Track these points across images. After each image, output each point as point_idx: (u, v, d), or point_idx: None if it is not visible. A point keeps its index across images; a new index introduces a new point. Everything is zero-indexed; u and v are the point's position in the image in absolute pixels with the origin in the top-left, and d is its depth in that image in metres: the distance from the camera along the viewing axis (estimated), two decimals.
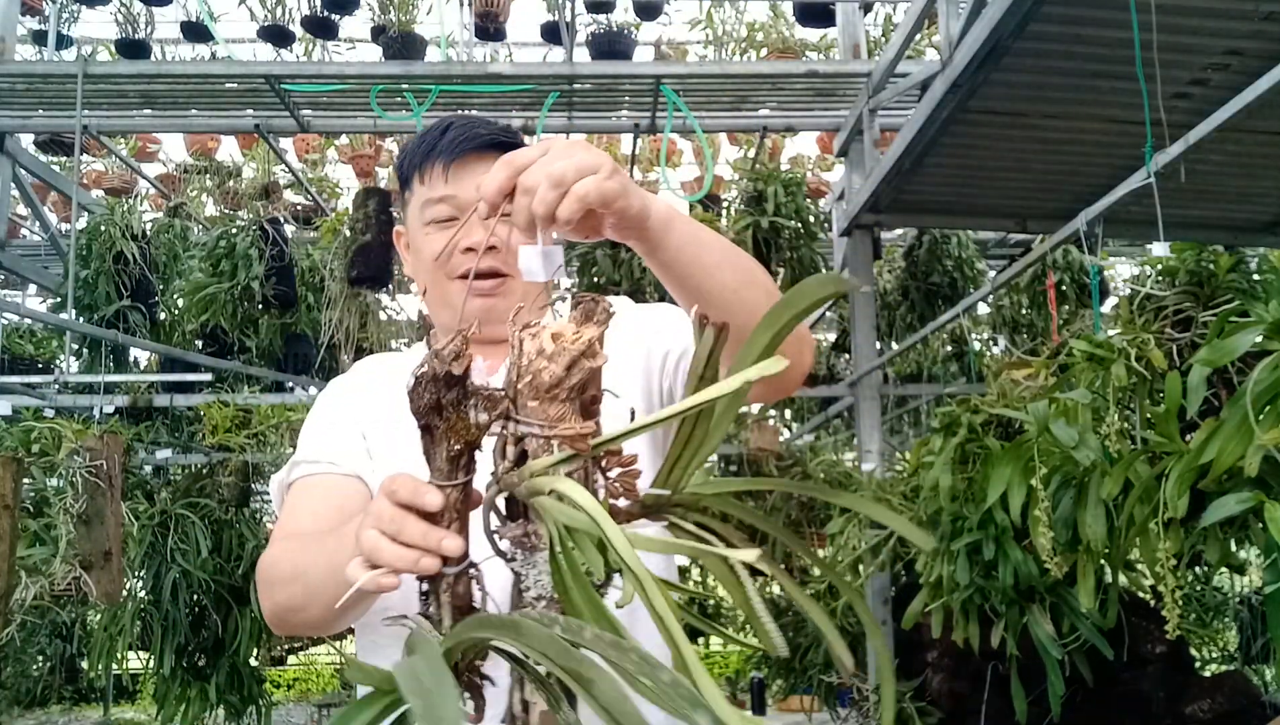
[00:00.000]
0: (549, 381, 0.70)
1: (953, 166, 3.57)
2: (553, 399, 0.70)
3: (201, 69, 4.46)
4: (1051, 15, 2.52)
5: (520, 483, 0.70)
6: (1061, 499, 2.26)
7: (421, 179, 1.23)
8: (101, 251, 4.92)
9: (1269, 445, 1.66)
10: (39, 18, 5.79)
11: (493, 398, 0.72)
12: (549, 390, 0.70)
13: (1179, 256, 2.36)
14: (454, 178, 1.20)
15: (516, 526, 0.71)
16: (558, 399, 0.71)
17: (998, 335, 5.89)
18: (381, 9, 4.88)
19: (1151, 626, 2.97)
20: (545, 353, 0.71)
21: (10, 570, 2.73)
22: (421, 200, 1.23)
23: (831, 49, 5.27)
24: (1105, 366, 2.14)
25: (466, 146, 1.20)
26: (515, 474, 0.71)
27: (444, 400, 0.71)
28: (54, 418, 3.84)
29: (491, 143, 1.19)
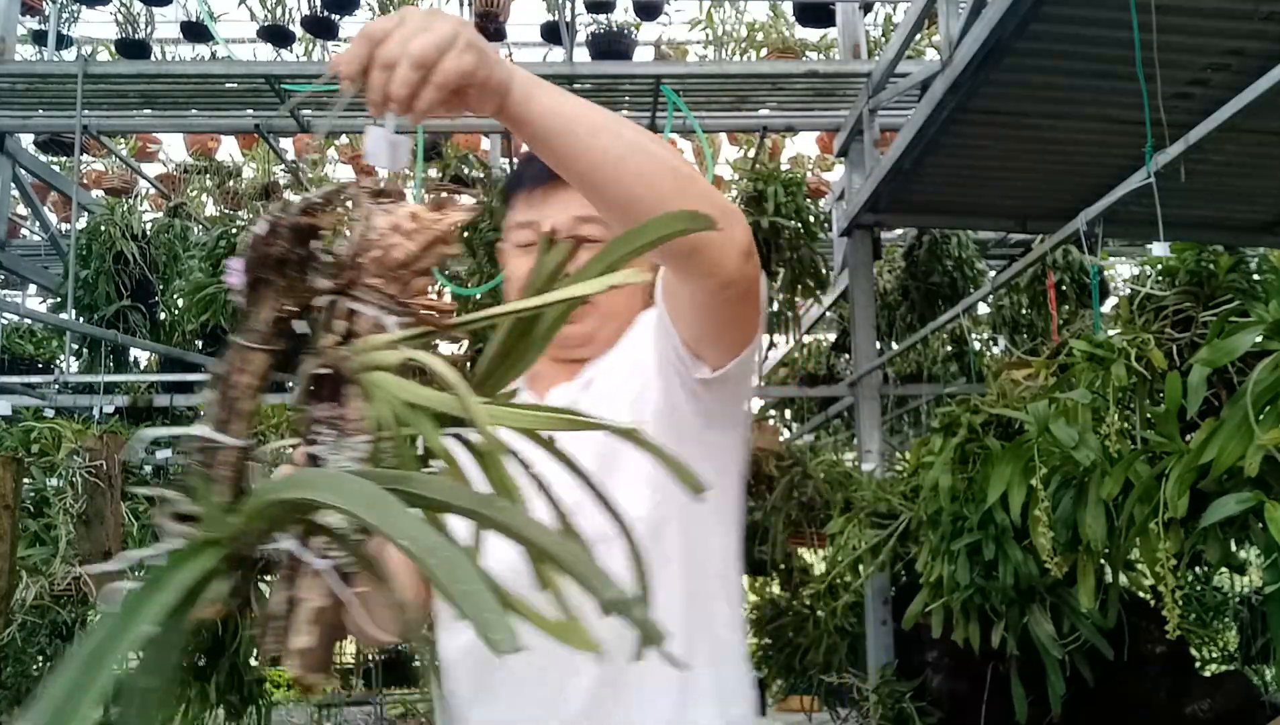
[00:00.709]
0: (401, 258, 0.66)
1: (953, 166, 3.57)
2: (398, 278, 0.66)
3: (201, 69, 4.47)
4: (1051, 15, 2.53)
5: (353, 357, 0.64)
6: (1061, 499, 2.26)
7: (512, 202, 1.28)
8: (101, 251, 4.92)
9: (1269, 445, 1.66)
10: (39, 18, 5.79)
11: (341, 264, 0.66)
12: (397, 268, 0.66)
13: (1179, 256, 2.36)
14: (537, 203, 1.24)
15: (327, 407, 0.65)
16: (399, 280, 0.66)
17: (998, 335, 5.89)
18: (381, 9, 4.88)
19: (1151, 626, 2.97)
20: (402, 229, 0.67)
21: (11, 570, 2.73)
22: (511, 223, 1.27)
23: (831, 49, 5.27)
24: (1105, 366, 2.14)
25: (550, 174, 1.18)
26: (345, 348, 0.65)
27: (293, 255, 0.66)
28: (54, 418, 3.84)
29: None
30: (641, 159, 0.90)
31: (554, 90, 0.91)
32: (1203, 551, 1.98)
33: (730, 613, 1.17)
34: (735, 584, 1.20)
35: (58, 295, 5.37)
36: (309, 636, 0.57)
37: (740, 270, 0.95)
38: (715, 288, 0.98)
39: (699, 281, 0.99)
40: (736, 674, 1.16)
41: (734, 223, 0.95)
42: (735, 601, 1.19)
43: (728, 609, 1.16)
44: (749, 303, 1.03)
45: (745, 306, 1.03)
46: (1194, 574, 3.85)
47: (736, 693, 1.14)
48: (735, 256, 0.94)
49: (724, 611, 1.16)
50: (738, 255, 0.94)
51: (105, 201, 5.44)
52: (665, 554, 1.09)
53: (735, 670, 1.15)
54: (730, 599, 1.17)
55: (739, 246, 0.95)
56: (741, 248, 0.95)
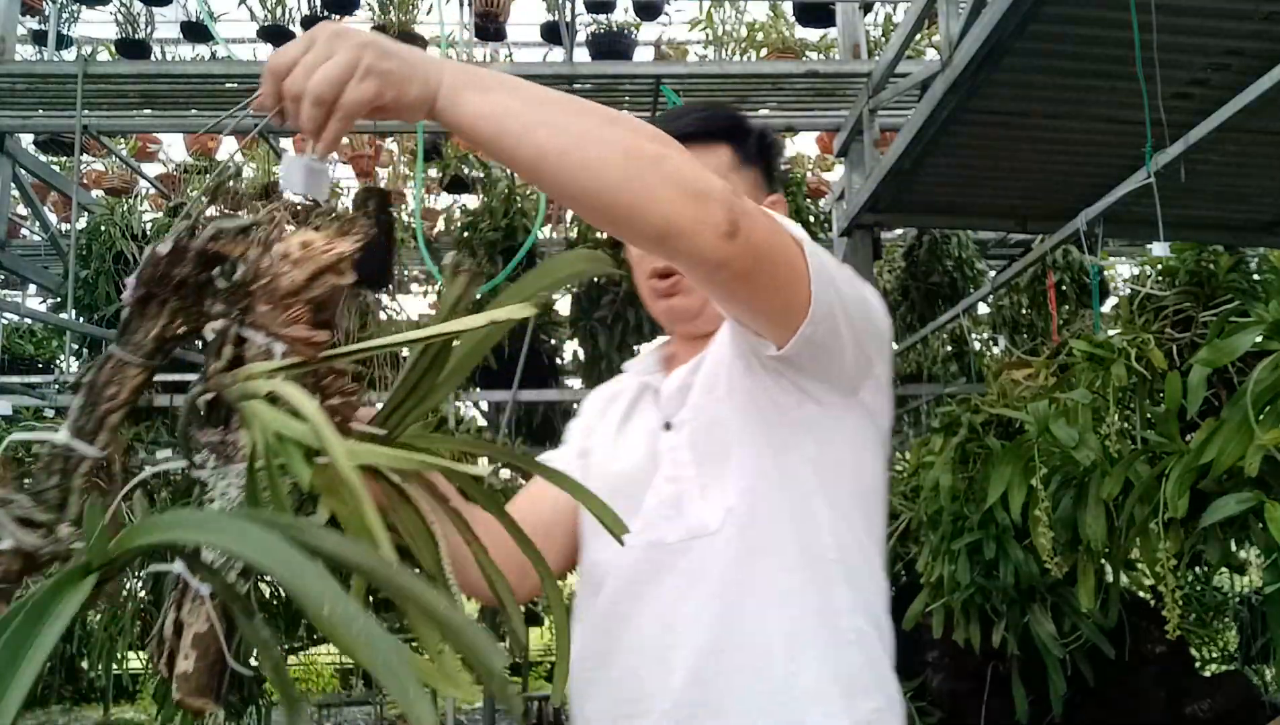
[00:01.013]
0: (287, 287, 0.66)
1: (953, 166, 3.57)
2: (285, 307, 0.66)
3: (201, 69, 4.47)
4: (1051, 15, 2.52)
5: (233, 383, 0.64)
6: (1061, 499, 2.26)
7: None
8: (101, 251, 4.92)
9: (1269, 445, 1.66)
10: (39, 18, 5.79)
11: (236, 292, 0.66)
12: (284, 297, 0.66)
13: (1179, 256, 2.37)
14: None
15: (214, 432, 0.66)
16: (289, 309, 0.66)
17: (998, 335, 5.89)
18: (381, 9, 4.88)
19: (1152, 626, 2.97)
20: (290, 257, 0.66)
21: None
22: None
23: (831, 49, 5.27)
24: (1105, 366, 2.14)
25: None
26: (229, 375, 0.65)
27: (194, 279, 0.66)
28: (54, 418, 3.84)
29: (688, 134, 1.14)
30: (588, 150, 0.84)
31: (488, 88, 0.84)
32: (1203, 551, 1.98)
33: (854, 598, 1.07)
34: (864, 567, 1.10)
35: (58, 295, 5.37)
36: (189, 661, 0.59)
37: (722, 252, 0.88)
38: (705, 275, 0.93)
39: (690, 271, 0.96)
40: (866, 664, 1.06)
41: (706, 204, 0.86)
42: (864, 586, 1.10)
43: (851, 594, 1.07)
44: (763, 278, 0.94)
45: (757, 284, 0.95)
46: (1194, 574, 3.85)
47: (869, 686, 1.05)
48: (712, 239, 0.87)
49: (845, 597, 1.07)
50: (715, 237, 0.87)
51: (105, 201, 5.44)
52: (758, 546, 1.06)
53: (863, 659, 1.06)
54: (855, 583, 1.08)
55: (715, 228, 0.86)
56: (719, 229, 0.87)
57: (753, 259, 0.91)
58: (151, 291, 0.65)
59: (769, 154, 1.28)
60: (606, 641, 1.10)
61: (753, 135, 1.26)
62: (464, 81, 0.84)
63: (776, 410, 1.09)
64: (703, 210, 0.86)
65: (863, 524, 1.12)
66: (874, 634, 1.08)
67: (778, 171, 1.31)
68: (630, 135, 0.86)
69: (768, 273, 0.94)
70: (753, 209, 0.92)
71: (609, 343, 5.46)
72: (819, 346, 1.03)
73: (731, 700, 1.02)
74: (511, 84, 0.86)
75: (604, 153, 0.84)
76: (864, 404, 1.13)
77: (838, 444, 1.12)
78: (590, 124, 0.85)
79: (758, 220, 0.91)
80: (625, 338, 5.52)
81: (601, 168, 0.84)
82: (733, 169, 1.21)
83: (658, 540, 1.09)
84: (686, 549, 1.08)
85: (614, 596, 1.11)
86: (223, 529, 0.50)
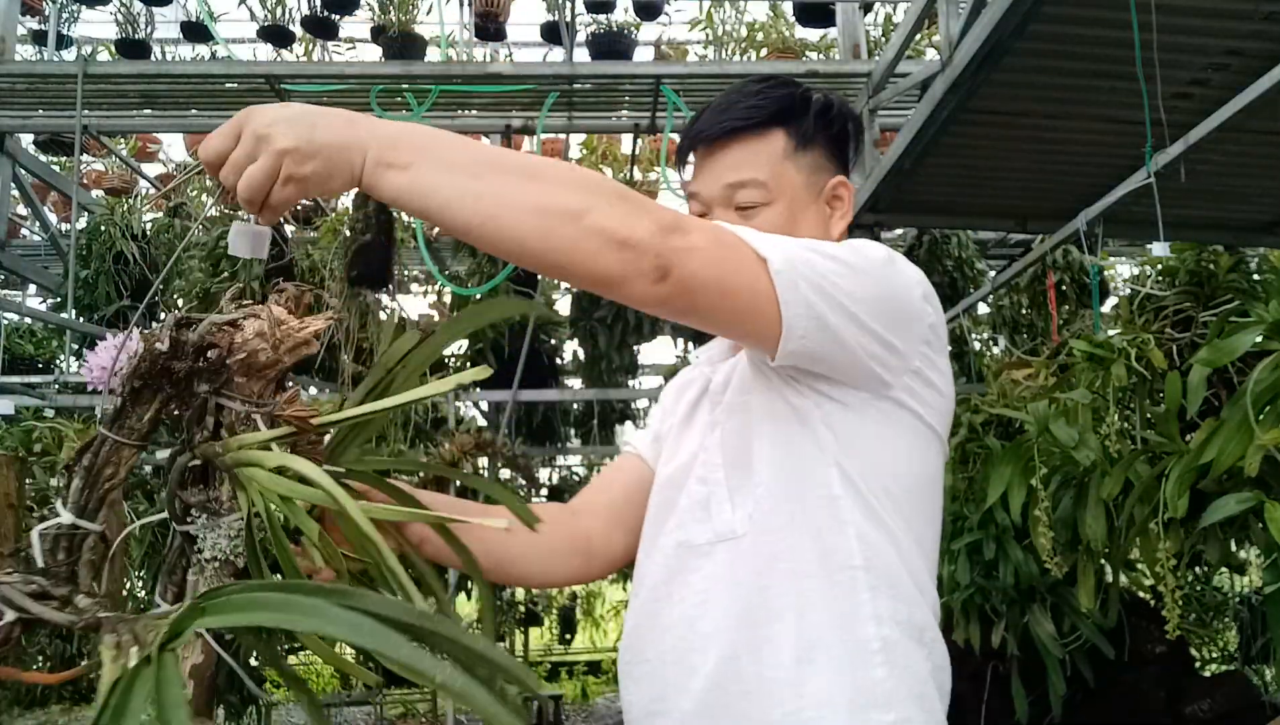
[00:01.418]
0: (264, 362, 0.74)
1: (953, 166, 3.57)
2: (260, 378, 0.74)
3: (201, 69, 4.46)
4: (1051, 15, 2.52)
5: (225, 453, 0.72)
6: (1061, 499, 2.26)
7: (682, 168, 1.26)
8: (101, 251, 4.92)
9: (1269, 445, 1.66)
10: (39, 18, 5.79)
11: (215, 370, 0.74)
12: (261, 370, 0.74)
13: (1179, 256, 2.37)
14: (696, 172, 1.21)
15: (199, 492, 0.73)
16: (264, 378, 0.74)
17: (998, 335, 5.89)
18: (381, 9, 4.87)
19: (1152, 626, 2.97)
20: (264, 335, 0.74)
21: None
22: (683, 188, 1.25)
23: (831, 49, 5.27)
24: (1105, 366, 2.14)
25: (705, 140, 1.20)
26: (218, 444, 0.73)
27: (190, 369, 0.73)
28: (54, 417, 3.84)
29: (735, 129, 1.18)
30: (504, 216, 0.86)
31: (406, 165, 0.86)
32: (1203, 551, 1.98)
33: (885, 607, 1.04)
34: (901, 573, 1.06)
35: (58, 295, 5.37)
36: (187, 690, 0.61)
37: (656, 295, 0.90)
38: (656, 309, 0.95)
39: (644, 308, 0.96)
40: (891, 676, 1.03)
41: (632, 251, 0.87)
42: (901, 593, 1.06)
43: (879, 603, 1.04)
44: (712, 308, 0.95)
45: (708, 313, 0.97)
46: (1194, 574, 3.85)
47: (891, 696, 1.02)
48: (643, 286, 0.89)
49: (871, 606, 1.04)
50: (646, 284, 0.89)
51: (105, 201, 5.44)
52: (776, 551, 1.06)
53: (886, 671, 1.02)
54: (888, 591, 1.05)
55: (644, 276, 0.88)
56: (648, 276, 0.88)
57: (691, 294, 0.92)
58: (147, 383, 0.72)
59: (833, 128, 1.23)
60: (641, 638, 1.13)
61: (810, 113, 1.21)
62: (385, 160, 0.86)
63: (795, 413, 1.08)
64: (628, 259, 0.87)
65: (902, 527, 1.08)
66: (909, 644, 1.05)
67: (852, 143, 1.26)
68: (549, 192, 0.87)
69: (716, 301, 0.95)
70: (696, 241, 0.92)
71: (609, 343, 5.46)
72: (816, 355, 1.02)
73: (747, 705, 1.03)
74: (435, 153, 0.87)
75: (519, 217, 0.86)
76: (901, 399, 1.09)
77: (868, 444, 1.08)
78: (508, 187, 0.86)
79: (696, 254, 0.91)
80: (625, 338, 5.52)
81: (521, 232, 0.86)
82: (786, 156, 1.18)
83: (687, 541, 1.11)
84: (712, 552, 1.09)
85: (650, 594, 1.13)
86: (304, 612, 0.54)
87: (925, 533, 1.11)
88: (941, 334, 1.14)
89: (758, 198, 1.16)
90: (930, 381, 1.11)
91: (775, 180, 1.17)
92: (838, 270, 1.02)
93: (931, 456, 1.13)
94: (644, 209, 0.90)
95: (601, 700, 9.04)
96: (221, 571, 0.70)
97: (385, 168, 0.86)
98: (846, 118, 1.25)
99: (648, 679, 1.10)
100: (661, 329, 5.77)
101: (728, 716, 1.03)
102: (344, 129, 0.86)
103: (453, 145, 0.88)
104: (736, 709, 1.03)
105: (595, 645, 10.51)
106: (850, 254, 1.05)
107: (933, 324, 1.12)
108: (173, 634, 0.57)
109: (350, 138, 0.86)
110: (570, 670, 10.19)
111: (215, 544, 0.70)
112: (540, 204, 0.86)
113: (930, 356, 1.11)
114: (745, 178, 1.16)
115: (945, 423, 1.15)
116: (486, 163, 0.88)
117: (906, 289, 1.09)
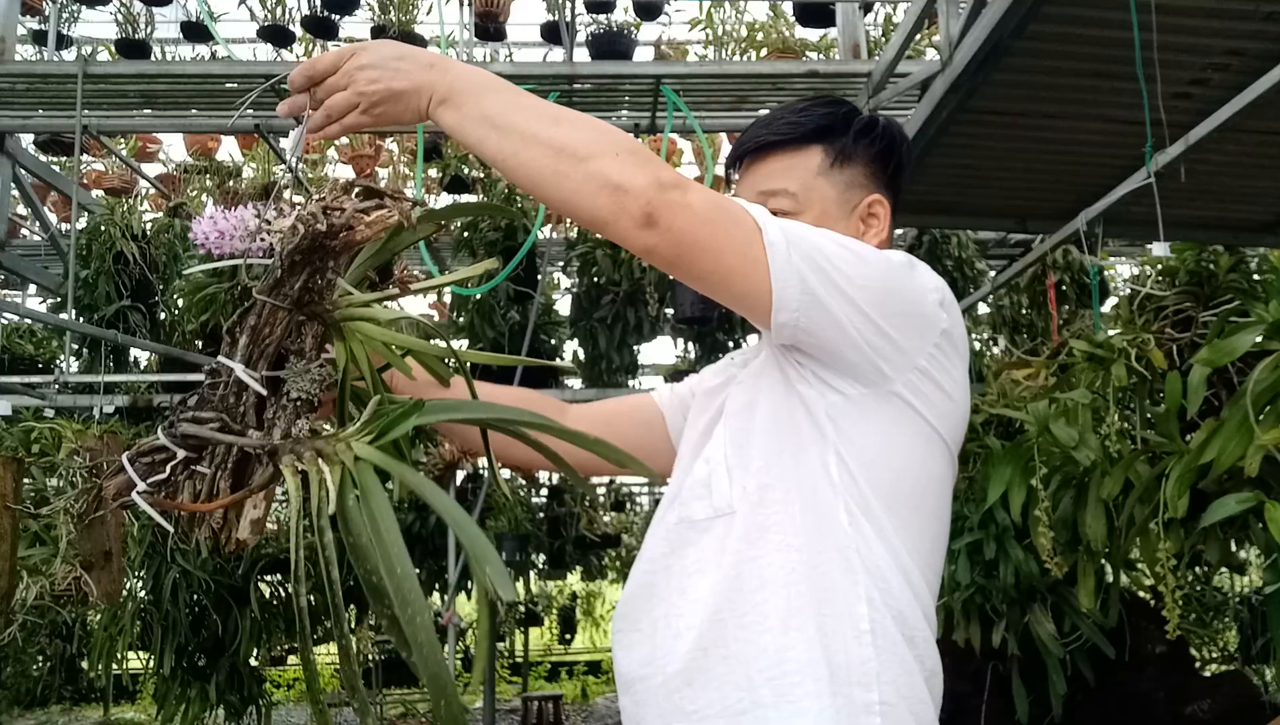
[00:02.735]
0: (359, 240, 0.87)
1: (953, 166, 3.57)
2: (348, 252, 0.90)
3: (201, 69, 4.46)
4: (1051, 15, 2.52)
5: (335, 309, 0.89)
6: (1061, 499, 2.26)
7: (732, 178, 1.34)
8: (101, 251, 4.91)
9: (1269, 445, 1.66)
10: (39, 18, 5.79)
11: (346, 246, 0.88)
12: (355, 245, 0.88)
13: (1179, 256, 2.37)
14: (741, 181, 1.29)
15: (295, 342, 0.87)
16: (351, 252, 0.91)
17: (998, 335, 5.89)
18: (381, 9, 4.88)
19: (1152, 626, 2.97)
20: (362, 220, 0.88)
21: (11, 570, 2.73)
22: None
23: (831, 49, 5.27)
24: (1105, 366, 2.14)
25: (748, 152, 1.28)
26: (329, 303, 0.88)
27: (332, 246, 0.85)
28: (54, 418, 3.84)
29: (773, 143, 1.25)
30: (525, 152, 0.99)
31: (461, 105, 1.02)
32: (1203, 551, 1.98)
33: (877, 594, 1.06)
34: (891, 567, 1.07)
35: (58, 295, 5.37)
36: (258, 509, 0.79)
37: (642, 241, 0.98)
38: (645, 256, 1.02)
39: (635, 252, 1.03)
40: (876, 658, 1.04)
41: (623, 196, 0.96)
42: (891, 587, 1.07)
43: (872, 589, 1.06)
44: (695, 265, 1.01)
45: (693, 269, 1.02)
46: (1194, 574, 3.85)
47: (875, 678, 1.03)
48: (630, 228, 0.97)
49: (864, 589, 1.05)
50: (632, 227, 0.97)
51: (105, 201, 5.44)
52: (767, 524, 1.09)
53: (873, 653, 1.04)
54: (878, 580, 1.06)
55: (632, 219, 0.97)
56: (635, 220, 0.97)
57: (676, 246, 0.99)
58: (305, 257, 0.84)
59: (875, 147, 1.25)
60: (635, 607, 1.17)
61: (850, 131, 1.24)
62: (445, 101, 1.02)
63: (800, 400, 1.12)
64: (618, 202, 0.97)
65: (896, 526, 1.09)
66: (898, 635, 1.06)
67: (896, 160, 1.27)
68: (566, 136, 0.99)
69: (701, 257, 1.01)
70: (692, 201, 0.99)
71: (609, 343, 5.46)
72: (811, 331, 1.05)
73: (728, 669, 1.06)
74: (483, 97, 1.02)
75: (538, 154, 0.99)
76: (902, 395, 1.10)
77: (869, 439, 1.09)
78: (537, 128, 1.00)
79: (689, 211, 0.99)
80: (625, 338, 5.52)
81: (537, 168, 0.99)
82: (821, 172, 1.23)
83: (688, 517, 1.16)
84: (710, 527, 1.13)
85: (648, 566, 1.18)
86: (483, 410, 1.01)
87: (922, 537, 1.12)
88: (958, 343, 1.15)
89: (787, 206, 1.21)
90: (939, 384, 1.12)
91: (806, 192, 1.23)
92: (843, 255, 1.05)
93: (935, 461, 1.13)
94: (649, 164, 0.99)
95: (601, 700, 9.04)
96: (301, 408, 0.83)
97: (443, 107, 1.02)
98: (892, 138, 1.27)
99: (638, 645, 1.15)
100: (661, 329, 5.77)
101: (708, 678, 1.07)
102: (420, 74, 1.02)
103: (499, 90, 1.03)
104: (716, 671, 1.07)
105: (595, 645, 10.52)
106: (864, 248, 1.08)
107: (946, 331, 1.12)
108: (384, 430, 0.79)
109: (423, 81, 1.02)
110: (570, 670, 10.20)
111: (300, 387, 0.84)
112: (556, 146, 0.98)
113: (940, 361, 1.12)
114: (776, 187, 1.23)
115: (953, 429, 1.15)
116: (532, 107, 1.02)
117: (919, 291, 1.11)
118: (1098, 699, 2.81)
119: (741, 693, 1.05)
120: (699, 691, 1.07)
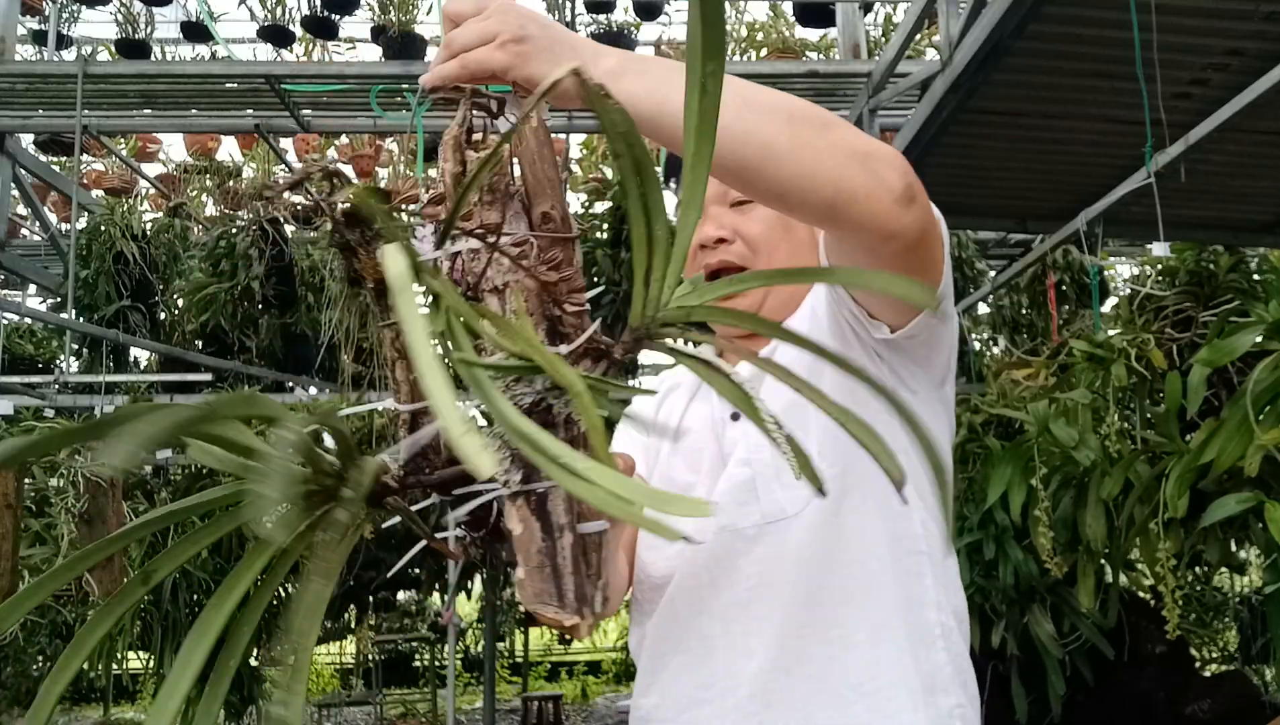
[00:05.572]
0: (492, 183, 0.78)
1: (953, 166, 3.57)
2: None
3: (201, 69, 4.47)
4: (1051, 15, 2.52)
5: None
6: (1061, 499, 2.26)
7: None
8: (101, 251, 4.92)
9: (1269, 445, 1.66)
10: (39, 18, 5.79)
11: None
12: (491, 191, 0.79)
13: (1179, 256, 2.37)
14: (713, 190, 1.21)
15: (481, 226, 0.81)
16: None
17: (998, 335, 5.89)
18: (381, 9, 4.87)
19: (1152, 626, 2.97)
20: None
21: (12, 570, 2.73)
22: None
23: (831, 49, 5.27)
24: (1105, 366, 2.14)
25: None
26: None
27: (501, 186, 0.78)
28: (54, 418, 3.84)
29: None
30: (748, 120, 0.82)
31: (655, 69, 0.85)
32: (1203, 551, 1.98)
33: (941, 593, 1.05)
34: (948, 561, 1.08)
35: (58, 295, 5.37)
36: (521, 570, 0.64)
37: (897, 219, 0.83)
38: (874, 243, 0.87)
39: (856, 239, 0.90)
40: (949, 661, 1.03)
41: (879, 166, 0.83)
42: (949, 581, 1.07)
43: (938, 589, 1.04)
44: (921, 253, 0.89)
45: (917, 258, 0.90)
46: (1194, 574, 3.85)
47: (951, 681, 1.02)
48: (888, 204, 0.82)
49: (933, 592, 1.04)
50: (891, 203, 0.83)
51: (105, 201, 5.44)
52: (844, 532, 1.03)
53: (947, 656, 1.03)
54: (942, 578, 1.05)
55: (891, 192, 0.83)
56: (894, 193, 0.83)
57: (922, 231, 0.87)
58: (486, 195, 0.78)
59: None
60: (678, 629, 1.08)
61: None
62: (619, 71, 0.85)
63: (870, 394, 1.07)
64: (876, 173, 0.83)
65: (936, 524, 1.08)
66: (958, 631, 1.06)
67: None
68: (789, 103, 0.85)
69: (927, 249, 0.90)
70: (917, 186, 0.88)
71: None
72: (933, 333, 1.01)
73: (812, 688, 1.00)
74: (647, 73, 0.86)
75: (767, 121, 0.83)
76: (945, 399, 1.09)
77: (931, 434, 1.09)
78: (753, 94, 0.84)
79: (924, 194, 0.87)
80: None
81: (767, 137, 0.82)
82: None
83: (730, 526, 1.06)
84: (762, 534, 1.05)
85: (685, 583, 1.08)
86: None
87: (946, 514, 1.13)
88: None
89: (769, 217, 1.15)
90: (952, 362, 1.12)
91: None
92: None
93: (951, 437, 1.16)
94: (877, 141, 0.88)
95: (601, 700, 9.04)
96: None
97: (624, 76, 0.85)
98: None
99: (690, 669, 1.06)
100: None
101: (791, 698, 1.00)
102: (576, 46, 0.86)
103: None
104: (800, 691, 1.00)
105: (595, 645, 10.51)
106: None
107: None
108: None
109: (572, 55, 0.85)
110: (570, 670, 10.20)
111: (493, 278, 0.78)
112: (787, 111, 0.83)
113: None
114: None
115: None
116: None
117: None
118: (1097, 699, 2.81)
119: (832, 711, 0.99)
120: (780, 714, 1.00)
